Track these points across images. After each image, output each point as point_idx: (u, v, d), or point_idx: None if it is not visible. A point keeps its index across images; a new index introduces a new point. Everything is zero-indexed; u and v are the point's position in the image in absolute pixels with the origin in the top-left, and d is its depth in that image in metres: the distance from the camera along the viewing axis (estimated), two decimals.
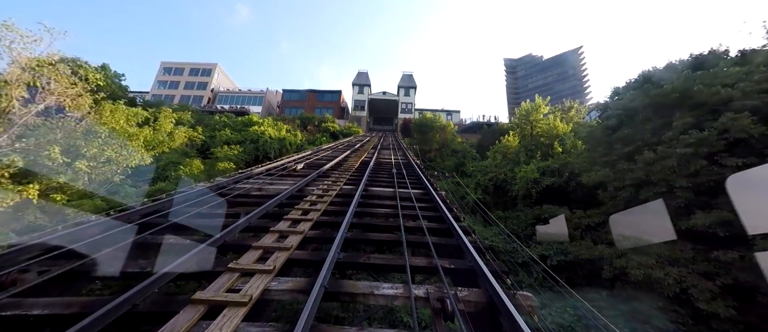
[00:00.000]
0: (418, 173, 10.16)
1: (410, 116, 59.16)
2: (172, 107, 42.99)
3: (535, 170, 19.28)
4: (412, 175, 10.14)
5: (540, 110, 25.91)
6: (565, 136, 23.81)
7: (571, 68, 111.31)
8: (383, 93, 63.08)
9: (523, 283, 11.54)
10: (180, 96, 62.93)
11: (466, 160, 33.25)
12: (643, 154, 10.88)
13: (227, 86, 70.21)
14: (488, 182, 23.21)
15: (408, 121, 53.49)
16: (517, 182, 20.59)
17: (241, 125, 36.45)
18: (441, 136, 40.87)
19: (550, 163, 20.02)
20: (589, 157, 14.73)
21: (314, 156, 13.78)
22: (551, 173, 18.91)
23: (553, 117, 25.92)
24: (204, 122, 38.89)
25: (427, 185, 7.67)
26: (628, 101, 14.00)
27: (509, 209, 21.04)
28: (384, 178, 9.54)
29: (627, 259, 9.67)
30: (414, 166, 11.84)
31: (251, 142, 28.87)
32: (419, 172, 10.27)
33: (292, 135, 34.02)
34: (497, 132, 41.93)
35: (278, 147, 29.84)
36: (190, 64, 66.73)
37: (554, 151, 20.79)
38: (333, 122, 48.45)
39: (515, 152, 25.45)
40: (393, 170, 9.98)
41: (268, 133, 30.08)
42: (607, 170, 12.09)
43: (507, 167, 23.45)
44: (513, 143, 27.05)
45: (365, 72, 66.82)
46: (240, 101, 63.91)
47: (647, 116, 12.26)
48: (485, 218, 19.93)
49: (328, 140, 41.56)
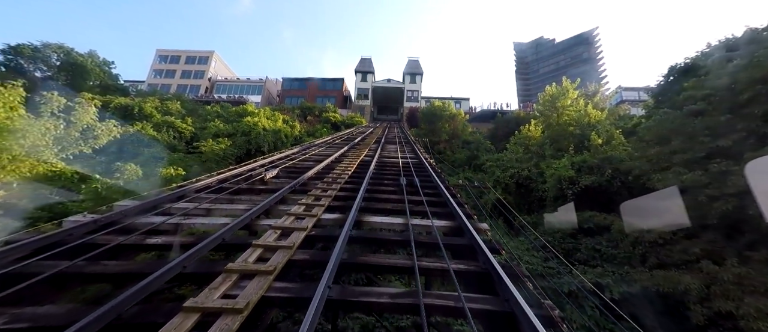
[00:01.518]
0: (437, 182, 7.25)
1: (417, 104, 55.72)
2: (166, 97, 40.47)
3: (569, 166, 16.19)
4: (429, 187, 7.23)
5: (568, 95, 22.53)
6: (598, 124, 20.50)
7: (586, 52, 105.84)
8: (388, 80, 59.55)
9: (573, 321, 8.69)
10: (177, 85, 60.26)
11: (479, 152, 30.11)
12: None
13: (225, 74, 67.36)
14: (509, 179, 20.19)
15: (414, 110, 50.16)
16: (546, 181, 17.55)
17: (235, 116, 33.72)
18: (451, 126, 37.58)
19: (585, 157, 16.88)
20: (657, 153, 11.55)
21: (301, 155, 10.94)
22: (589, 170, 15.81)
23: (583, 102, 22.55)
24: (197, 113, 36.28)
25: (456, 209, 4.78)
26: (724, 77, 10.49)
27: (535, 212, 18.07)
28: (388, 192, 6.67)
29: (737, 301, 6.78)
30: (429, 170, 8.90)
31: (243, 134, 26.14)
32: (438, 181, 7.36)
33: (289, 126, 31.18)
34: (512, 121, 38.52)
35: (273, 140, 27.08)
36: (187, 52, 63.92)
37: (591, 142, 17.57)
38: (334, 112, 45.45)
39: (539, 143, 22.26)
40: (401, 180, 7.08)
41: (262, 124, 27.27)
42: (698, 173, 8.96)
43: (531, 161, 20.35)
44: (535, 134, 23.83)
45: (368, 58, 63.18)
46: (238, 90, 61.11)
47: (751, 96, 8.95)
48: (508, 222, 17.05)
49: (328, 131, 38.67)
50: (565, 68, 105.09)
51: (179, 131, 28.12)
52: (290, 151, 11.88)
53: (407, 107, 55.42)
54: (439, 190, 6.69)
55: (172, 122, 28.00)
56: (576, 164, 16.37)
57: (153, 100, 30.87)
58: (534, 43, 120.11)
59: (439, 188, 6.81)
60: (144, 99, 29.07)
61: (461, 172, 27.71)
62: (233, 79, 65.38)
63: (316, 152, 12.41)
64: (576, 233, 12.74)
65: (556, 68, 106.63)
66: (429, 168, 9.17)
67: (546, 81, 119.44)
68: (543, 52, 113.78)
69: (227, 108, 39.13)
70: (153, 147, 23.66)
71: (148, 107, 28.21)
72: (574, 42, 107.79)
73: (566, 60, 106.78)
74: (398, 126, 41.70)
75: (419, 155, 12.91)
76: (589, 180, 14.68)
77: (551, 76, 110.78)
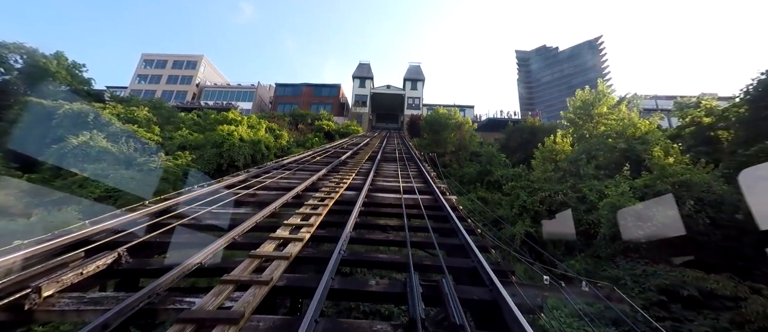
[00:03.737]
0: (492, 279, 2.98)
1: (418, 112, 51.84)
2: (142, 103, 36.40)
3: (630, 193, 11.99)
4: (463, 271, 3.03)
5: (606, 101, 18.45)
6: (649, 136, 16.36)
7: (590, 60, 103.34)
8: (387, 87, 55.83)
9: None
10: (162, 91, 56.42)
11: (492, 166, 25.87)
12: None
13: (216, 80, 63.69)
14: (538, 205, 15.97)
15: (416, 118, 46.21)
16: (591, 210, 13.33)
17: (213, 124, 29.62)
18: (457, 136, 33.51)
19: (648, 180, 12.69)
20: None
21: (242, 188, 6.75)
22: (657, 197, 11.59)
23: (625, 108, 18.46)
24: (173, 120, 32.19)
25: None
26: None
27: (578, 252, 13.76)
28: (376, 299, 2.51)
29: None
30: (456, 225, 4.65)
31: (214, 146, 21.96)
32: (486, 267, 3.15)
33: (271, 137, 27.00)
34: (527, 130, 34.44)
35: (251, 153, 22.92)
36: (174, 56, 60.33)
37: (654, 160, 13.38)
38: (329, 120, 41.44)
39: (571, 159, 18.08)
40: (410, 279, 2.83)
41: (238, 134, 23.10)
42: None
43: (566, 183, 16.14)
44: (564, 147, 19.69)
45: (367, 63, 59.60)
46: (228, 96, 57.37)
47: None
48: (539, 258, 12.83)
49: (321, 140, 34.56)
50: (569, 76, 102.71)
51: (143, 142, 23.96)
52: (232, 179, 7.62)
53: (408, 115, 51.52)
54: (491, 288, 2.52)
55: (134, 131, 23.86)
56: (638, 190, 12.17)
57: (115, 106, 26.80)
58: (536, 51, 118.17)
59: (486, 277, 2.64)
60: (104, 105, 25.07)
61: (473, 190, 23.47)
62: (223, 84, 61.61)
63: (277, 178, 8.19)
64: (667, 301, 8.44)
65: (560, 76, 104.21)
66: (455, 219, 4.94)
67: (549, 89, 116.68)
68: (546, 61, 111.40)
69: (208, 115, 35.02)
70: (101, 162, 19.45)
71: (107, 113, 24.09)
72: (578, 50, 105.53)
73: (570, 68, 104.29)
74: (398, 136, 37.63)
75: (430, 181, 8.71)
76: (668, 216, 10.43)
77: (555, 85, 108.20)
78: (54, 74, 33.48)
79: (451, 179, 25.82)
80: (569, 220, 15.02)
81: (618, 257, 11.29)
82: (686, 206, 10.90)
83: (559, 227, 15.13)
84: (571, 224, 15.00)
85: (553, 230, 15.10)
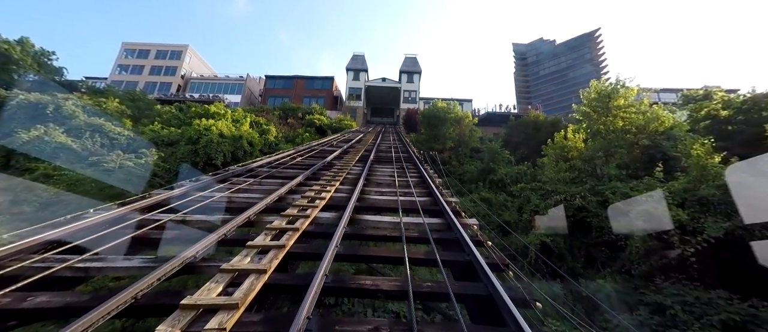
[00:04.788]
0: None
1: (415, 105, 49.69)
2: (117, 94, 33.62)
3: (669, 199, 10.13)
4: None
5: (626, 93, 16.56)
6: (675, 131, 14.53)
7: (587, 53, 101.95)
8: (382, 79, 53.45)
9: None
10: (144, 83, 53.32)
11: (495, 164, 23.99)
12: None
13: (202, 71, 60.61)
14: (552, 209, 14.11)
15: (412, 112, 44.06)
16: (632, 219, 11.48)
17: (193, 117, 27.17)
18: (456, 131, 31.51)
19: (685, 183, 10.85)
20: None
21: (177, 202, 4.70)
22: (702, 207, 9.78)
23: (648, 102, 16.60)
24: (149, 114, 29.64)
25: None
26: None
27: (599, 266, 11.96)
28: None
29: None
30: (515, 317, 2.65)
31: (189, 142, 19.66)
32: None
33: (256, 133, 24.70)
34: (530, 125, 32.60)
35: (231, 150, 20.67)
36: (157, 45, 57.06)
37: (691, 160, 11.50)
38: (320, 114, 39.10)
39: (586, 157, 16.22)
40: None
41: (216, 129, 20.79)
42: None
43: (584, 184, 14.29)
44: (577, 143, 17.84)
45: (361, 55, 57.05)
46: (215, 88, 54.50)
47: None
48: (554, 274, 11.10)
49: (312, 136, 32.36)
50: (566, 70, 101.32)
51: (111, 137, 21.52)
52: (162, 196, 5.47)
53: (404, 109, 49.36)
54: None
55: (100, 126, 21.40)
56: (676, 196, 10.32)
57: (80, 96, 24.20)
58: (533, 44, 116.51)
59: None
60: (67, 96, 22.53)
61: (475, 190, 21.59)
62: (210, 76, 58.59)
63: (228, 194, 6.11)
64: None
65: (557, 70, 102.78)
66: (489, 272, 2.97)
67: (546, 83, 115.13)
68: (543, 54, 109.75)
69: (193, 108, 32.41)
70: (57, 159, 17.08)
71: (69, 105, 21.55)
72: (576, 43, 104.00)
73: (567, 61, 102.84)
74: (394, 131, 35.50)
75: (436, 193, 6.71)
76: (720, 229, 8.59)
77: (552, 78, 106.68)
78: (17, 62, 30.55)
79: (452, 178, 23.93)
80: (588, 226, 13.24)
81: (656, 276, 9.48)
82: (736, 220, 9.09)
83: (575, 236, 13.32)
84: (590, 231, 13.23)
85: (573, 240, 13.28)
